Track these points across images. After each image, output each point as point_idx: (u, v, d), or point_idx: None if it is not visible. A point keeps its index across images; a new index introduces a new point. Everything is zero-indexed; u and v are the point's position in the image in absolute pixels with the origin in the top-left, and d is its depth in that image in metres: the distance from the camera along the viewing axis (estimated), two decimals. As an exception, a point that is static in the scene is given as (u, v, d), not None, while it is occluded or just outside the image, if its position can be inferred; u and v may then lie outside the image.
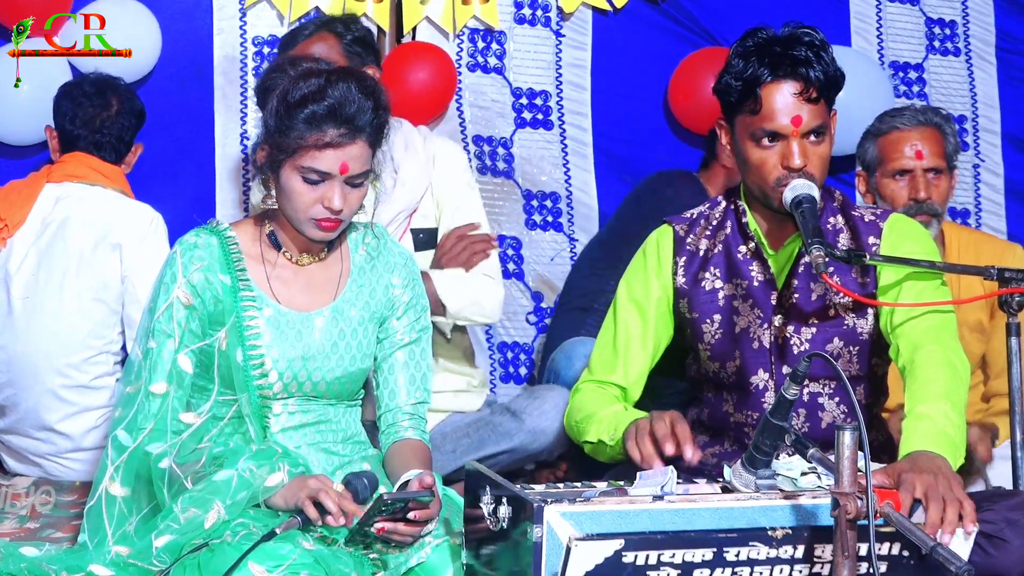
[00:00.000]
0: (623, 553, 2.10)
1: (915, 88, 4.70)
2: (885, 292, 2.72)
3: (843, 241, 2.77)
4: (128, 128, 3.68)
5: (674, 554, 2.13)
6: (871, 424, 2.83)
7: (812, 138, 2.68)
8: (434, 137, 3.70)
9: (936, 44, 4.74)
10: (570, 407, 2.89)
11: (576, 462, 3.51)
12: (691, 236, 2.87)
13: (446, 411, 3.56)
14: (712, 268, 2.83)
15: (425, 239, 3.57)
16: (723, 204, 2.88)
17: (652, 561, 2.12)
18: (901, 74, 4.69)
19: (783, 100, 2.65)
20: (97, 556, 2.52)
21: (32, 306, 3.49)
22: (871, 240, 2.77)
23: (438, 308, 3.43)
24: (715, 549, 2.14)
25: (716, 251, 2.84)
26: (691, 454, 2.46)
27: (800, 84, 2.65)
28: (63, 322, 3.47)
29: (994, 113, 4.77)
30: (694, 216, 2.90)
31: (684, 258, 2.86)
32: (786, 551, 2.17)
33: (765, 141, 2.68)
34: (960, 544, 2.18)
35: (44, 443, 3.49)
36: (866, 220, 2.80)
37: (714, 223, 2.86)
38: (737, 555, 2.15)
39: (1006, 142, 4.78)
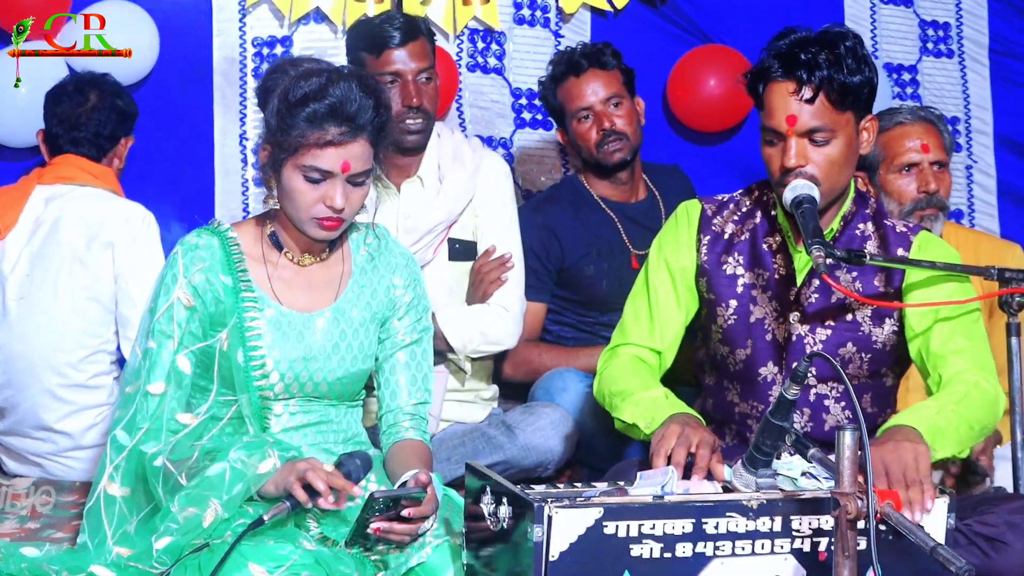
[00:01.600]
0: (604, 523, 2.13)
1: (908, 90, 4.72)
2: (918, 322, 2.72)
3: (870, 248, 2.77)
4: (105, 123, 3.62)
5: (654, 525, 2.16)
6: (873, 434, 2.84)
7: (813, 139, 2.68)
8: (482, 149, 3.69)
9: (930, 46, 4.75)
10: (604, 372, 2.84)
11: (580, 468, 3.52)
12: (718, 217, 2.87)
13: (447, 420, 3.55)
14: (736, 253, 2.83)
15: (461, 250, 3.57)
16: (756, 194, 2.89)
17: (633, 533, 2.15)
18: (895, 75, 4.71)
19: (780, 99, 2.67)
20: (98, 557, 2.52)
21: (27, 306, 3.48)
22: (900, 252, 2.77)
23: (445, 345, 3.44)
24: (693, 520, 2.17)
25: (743, 238, 2.84)
26: (698, 480, 2.43)
27: (794, 84, 2.66)
28: (58, 321, 3.46)
29: (987, 115, 4.79)
30: (724, 199, 2.91)
31: (708, 237, 2.86)
32: (764, 523, 2.20)
33: (769, 139, 2.70)
34: (930, 521, 2.19)
35: (44, 443, 3.48)
36: (897, 231, 2.80)
37: (744, 210, 2.87)
38: (716, 527, 2.18)
39: (999, 143, 4.80)
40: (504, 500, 2.23)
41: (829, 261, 2.59)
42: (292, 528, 2.45)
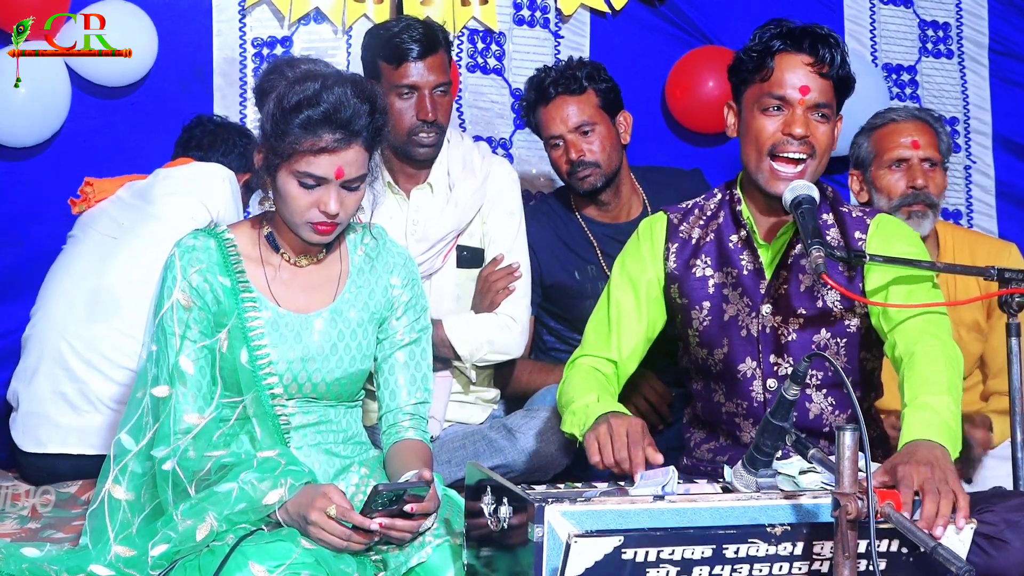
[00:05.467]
0: (622, 550, 2.11)
1: (908, 90, 4.73)
2: (875, 292, 2.73)
3: (832, 236, 2.79)
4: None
5: (673, 551, 2.13)
6: (865, 421, 2.84)
7: (817, 115, 2.71)
8: (490, 156, 3.68)
9: (929, 46, 4.76)
10: (561, 386, 2.88)
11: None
12: (684, 224, 2.89)
13: (449, 421, 3.55)
14: (703, 256, 2.85)
15: (469, 257, 3.57)
16: (719, 195, 2.90)
17: (652, 558, 2.13)
18: (894, 76, 4.72)
19: (794, 69, 2.71)
20: (98, 557, 2.52)
21: (118, 245, 3.45)
22: (857, 235, 2.79)
23: (452, 354, 3.44)
24: (714, 546, 2.15)
25: (708, 239, 2.86)
26: (639, 478, 2.44)
27: (812, 57, 2.70)
28: (150, 265, 3.39)
29: (985, 115, 4.80)
30: (689, 206, 2.93)
31: (676, 244, 2.88)
32: (785, 548, 2.18)
33: (772, 109, 2.71)
34: (956, 541, 2.19)
35: (88, 382, 3.40)
36: (853, 216, 2.83)
37: (708, 213, 2.89)
38: (736, 552, 2.16)
39: (997, 144, 4.81)
40: (505, 500, 2.23)
41: (821, 261, 2.58)
42: (292, 528, 2.45)
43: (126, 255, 3.43)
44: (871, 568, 2.07)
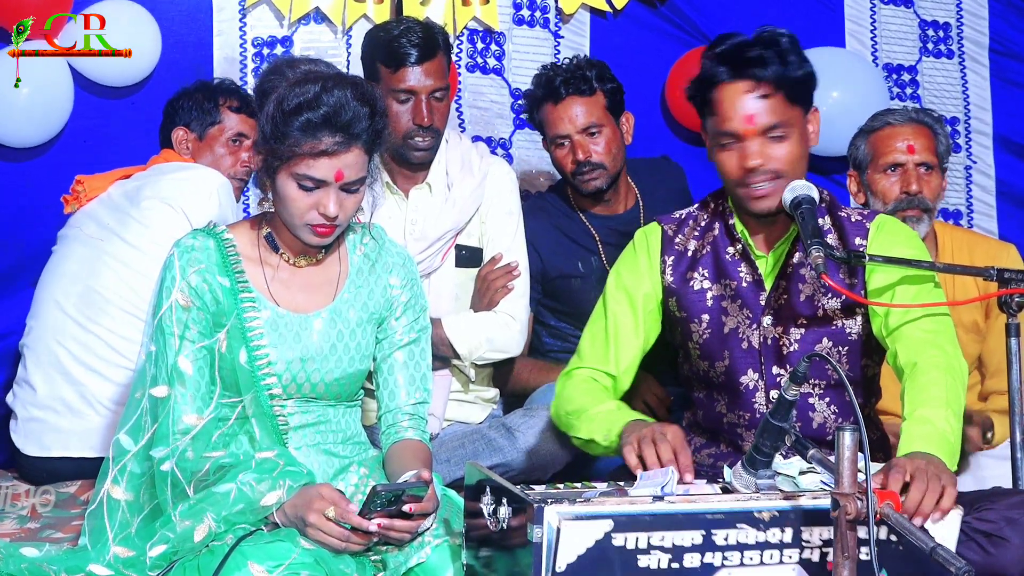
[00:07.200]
0: (612, 535, 2.12)
1: (908, 90, 4.72)
2: (877, 295, 2.72)
3: (830, 241, 2.77)
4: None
5: (664, 537, 2.15)
6: (865, 424, 2.84)
7: (771, 137, 2.68)
8: (489, 156, 3.69)
9: (930, 46, 4.76)
10: (559, 395, 2.87)
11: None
12: (679, 236, 2.88)
13: (448, 420, 3.56)
14: (700, 268, 2.84)
15: (468, 256, 3.58)
16: (711, 205, 2.89)
17: (642, 544, 2.14)
18: (895, 76, 4.71)
19: (735, 100, 2.67)
20: (97, 556, 2.53)
21: (104, 246, 3.43)
22: (858, 241, 2.77)
23: (451, 352, 3.45)
24: (703, 532, 2.16)
25: (704, 252, 2.85)
26: (639, 478, 2.44)
27: (749, 82, 2.66)
28: (137, 265, 3.37)
29: (986, 115, 4.79)
30: (682, 216, 2.92)
31: (672, 257, 2.87)
32: (774, 534, 2.19)
33: (727, 144, 2.70)
34: (944, 530, 2.19)
35: (87, 384, 3.38)
36: (853, 220, 2.81)
37: (702, 224, 2.88)
38: (726, 538, 2.17)
39: (998, 144, 4.80)
40: (504, 500, 2.23)
41: (820, 261, 2.58)
42: (291, 528, 2.45)
43: (112, 257, 3.42)
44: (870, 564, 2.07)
